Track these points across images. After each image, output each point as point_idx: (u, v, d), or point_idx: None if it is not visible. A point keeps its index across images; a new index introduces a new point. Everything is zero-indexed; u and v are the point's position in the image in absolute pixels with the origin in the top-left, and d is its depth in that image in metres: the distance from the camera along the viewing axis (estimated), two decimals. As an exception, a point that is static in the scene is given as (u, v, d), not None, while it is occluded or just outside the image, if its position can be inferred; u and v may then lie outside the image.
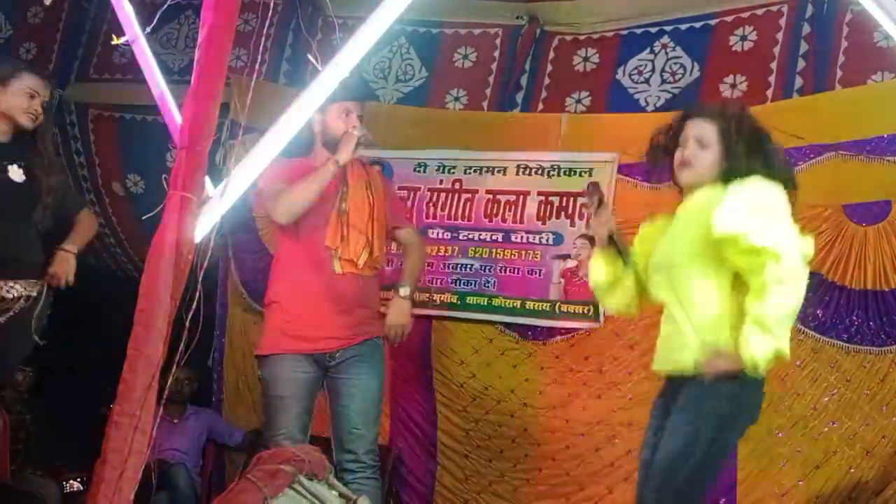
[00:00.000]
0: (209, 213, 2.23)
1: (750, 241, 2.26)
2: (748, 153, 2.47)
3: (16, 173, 3.15)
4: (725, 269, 2.38)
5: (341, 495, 2.25)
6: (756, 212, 2.29)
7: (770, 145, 2.55)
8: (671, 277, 2.50)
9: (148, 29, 2.44)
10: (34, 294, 3.20)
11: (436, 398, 4.55)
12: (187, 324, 2.09)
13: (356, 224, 3.36)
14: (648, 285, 2.70)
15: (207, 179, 2.31)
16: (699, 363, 2.37)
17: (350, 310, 3.31)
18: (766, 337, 2.25)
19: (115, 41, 2.47)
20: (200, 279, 2.14)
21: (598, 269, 2.75)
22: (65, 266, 3.25)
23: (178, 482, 4.31)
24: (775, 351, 2.28)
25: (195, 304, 2.11)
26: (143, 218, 3.01)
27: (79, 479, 4.86)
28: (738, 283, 2.38)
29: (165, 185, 2.16)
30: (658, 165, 2.70)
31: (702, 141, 2.54)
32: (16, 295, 3.15)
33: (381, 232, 3.46)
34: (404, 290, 3.42)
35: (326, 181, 3.21)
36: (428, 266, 4.54)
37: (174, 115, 2.30)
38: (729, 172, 2.47)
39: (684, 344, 2.47)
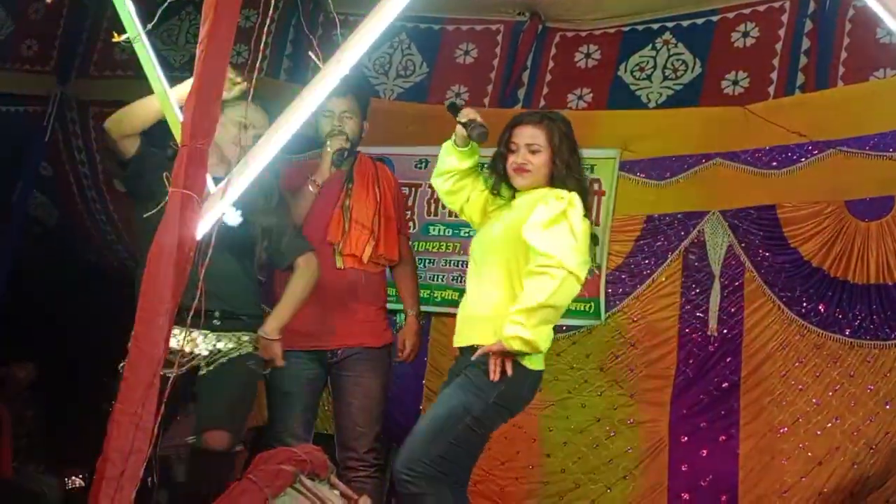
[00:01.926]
0: (210, 210, 2.22)
1: (537, 246, 2.58)
2: (570, 158, 2.76)
3: (231, 215, 2.70)
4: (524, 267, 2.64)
5: (343, 495, 2.25)
6: (554, 229, 2.60)
7: (579, 150, 2.83)
8: (486, 260, 2.75)
9: (149, 25, 2.42)
10: (243, 353, 2.86)
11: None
12: (188, 322, 2.09)
13: (360, 219, 3.36)
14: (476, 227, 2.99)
15: (209, 177, 2.30)
16: (489, 348, 2.59)
17: (352, 305, 3.30)
18: (517, 321, 2.51)
19: (115, 38, 2.46)
20: (202, 277, 2.14)
21: (452, 160, 2.90)
22: (269, 354, 2.89)
23: (179, 479, 4.30)
24: (520, 339, 2.52)
25: (196, 301, 2.11)
26: (145, 216, 3.02)
27: (81, 476, 4.87)
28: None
29: (167, 183, 2.16)
30: (499, 172, 2.88)
31: (532, 146, 2.78)
32: (223, 348, 2.82)
33: (391, 227, 3.46)
34: (413, 312, 3.58)
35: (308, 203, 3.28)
36: (429, 263, 4.54)
37: (175, 113, 2.29)
38: (556, 175, 2.75)
39: (477, 322, 2.70)
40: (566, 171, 2.74)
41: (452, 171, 2.90)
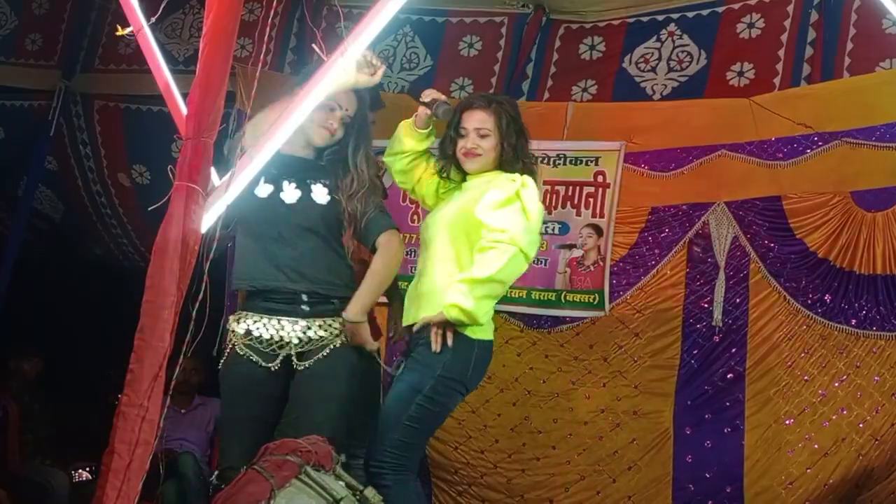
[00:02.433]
0: (215, 203, 2.23)
1: (490, 223, 2.66)
2: (517, 141, 2.81)
3: (319, 193, 2.68)
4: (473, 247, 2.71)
5: (348, 486, 2.25)
6: (507, 209, 2.67)
7: (526, 133, 2.86)
8: (436, 241, 2.80)
9: (153, 19, 2.43)
10: (342, 342, 2.65)
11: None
12: (193, 314, 2.09)
13: None
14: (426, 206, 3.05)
15: (213, 170, 2.31)
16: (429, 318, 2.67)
17: None
18: (461, 289, 2.59)
19: (119, 32, 2.46)
20: (207, 269, 2.14)
21: (410, 141, 2.94)
22: (356, 340, 2.68)
23: (185, 471, 4.32)
24: (459, 307, 2.58)
25: (201, 294, 2.12)
26: (150, 209, 3.02)
27: (88, 469, 4.90)
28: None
29: (171, 176, 2.16)
30: (447, 157, 2.92)
31: (481, 131, 2.82)
32: (313, 336, 2.63)
33: None
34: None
35: None
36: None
37: (180, 106, 2.29)
38: (504, 159, 2.81)
39: (424, 299, 2.75)
40: (514, 155, 2.80)
41: (408, 152, 2.94)
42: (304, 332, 2.62)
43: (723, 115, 4.24)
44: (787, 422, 3.91)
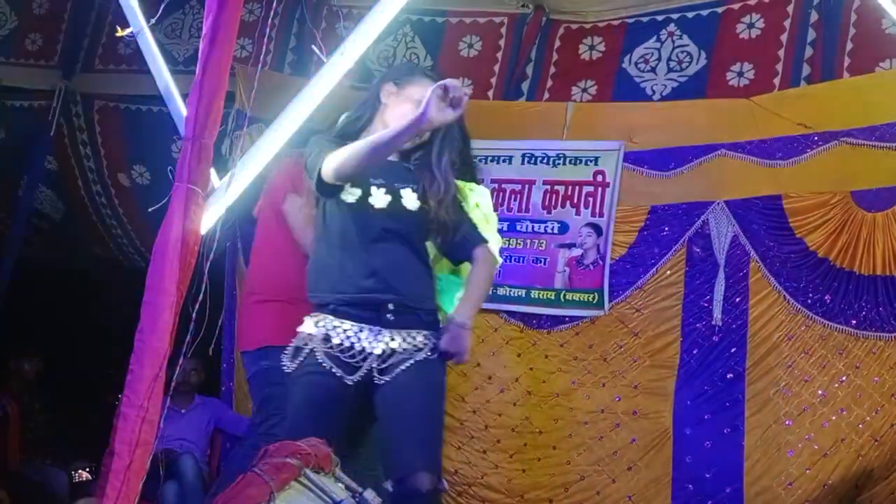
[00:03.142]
0: (215, 204, 2.23)
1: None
2: (465, 147, 2.79)
3: (409, 199, 2.50)
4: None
5: (347, 488, 2.25)
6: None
7: (469, 139, 2.86)
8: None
9: (153, 20, 2.43)
10: (425, 356, 2.44)
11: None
12: (193, 315, 2.09)
13: None
14: None
15: (213, 171, 2.31)
16: None
17: None
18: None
19: (119, 32, 2.46)
20: (207, 270, 2.15)
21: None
22: (458, 345, 2.47)
23: (185, 471, 4.32)
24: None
25: (201, 294, 2.12)
26: (150, 210, 3.02)
27: (88, 469, 4.90)
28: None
29: (171, 177, 2.16)
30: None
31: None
32: (396, 347, 2.44)
33: None
34: None
35: None
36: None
37: (179, 106, 2.30)
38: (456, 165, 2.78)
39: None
40: (464, 164, 2.81)
41: None
42: (388, 344, 2.43)
43: (722, 114, 4.24)
44: (787, 422, 3.91)
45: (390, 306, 2.44)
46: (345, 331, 2.43)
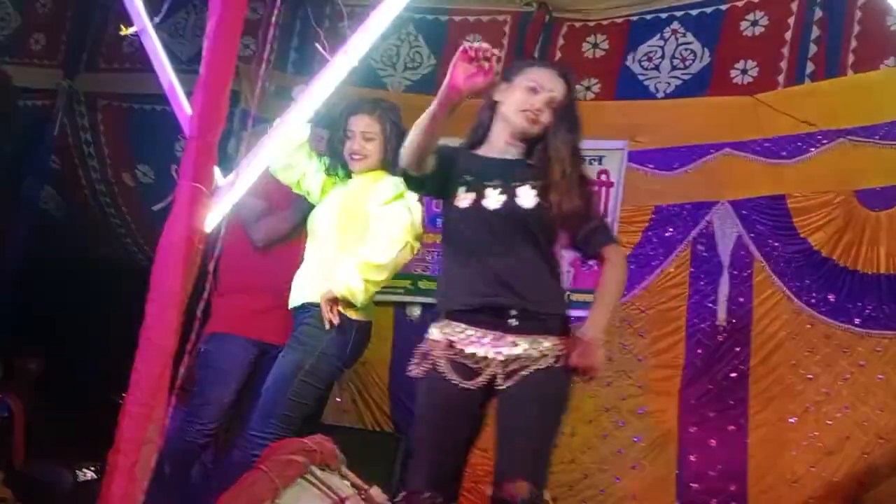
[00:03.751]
0: (219, 203, 2.23)
1: (381, 217, 2.93)
2: (398, 144, 2.74)
3: (526, 196, 2.38)
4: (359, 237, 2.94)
5: (353, 485, 2.26)
6: (395, 205, 2.95)
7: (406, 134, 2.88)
8: (324, 232, 3.01)
9: (156, 18, 2.43)
10: (548, 365, 2.32)
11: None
12: (198, 313, 2.10)
13: None
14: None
15: (217, 169, 2.31)
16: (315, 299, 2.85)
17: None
18: (352, 270, 2.84)
19: (123, 31, 2.46)
20: (212, 269, 2.15)
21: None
22: (589, 360, 2.32)
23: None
24: (348, 285, 2.82)
25: (206, 293, 2.12)
26: (154, 209, 3.02)
27: (92, 468, 4.90)
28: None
29: (175, 176, 2.16)
30: (335, 156, 3.11)
31: (367, 134, 3.05)
32: (520, 353, 2.33)
33: None
34: None
35: None
36: (437, 254, 4.54)
37: (183, 105, 2.29)
38: (387, 160, 3.01)
39: (309, 283, 2.94)
40: (395, 156, 2.86)
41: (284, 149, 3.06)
42: (511, 350, 2.34)
43: (726, 113, 4.24)
44: (791, 420, 3.91)
45: (512, 311, 2.34)
46: (468, 337, 2.37)
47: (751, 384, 4.02)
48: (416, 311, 4.67)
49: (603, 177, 4.41)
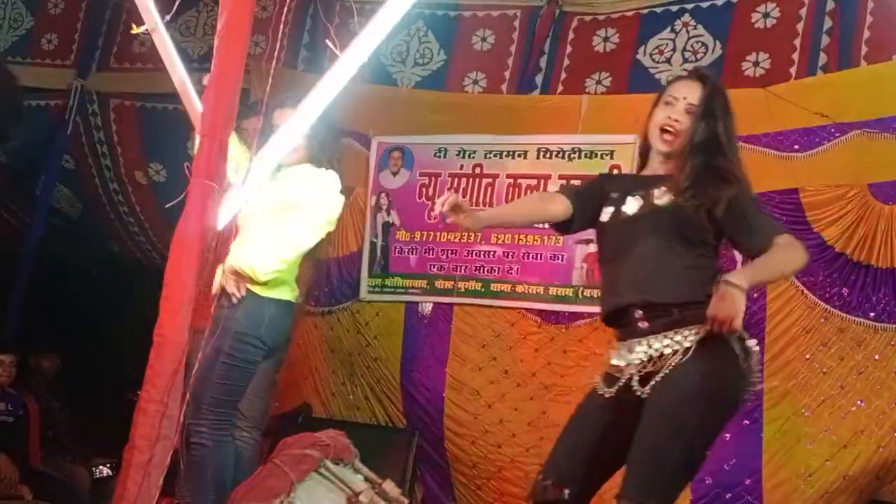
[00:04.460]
0: (231, 200, 2.24)
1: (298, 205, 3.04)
2: (324, 138, 3.11)
3: (661, 197, 2.31)
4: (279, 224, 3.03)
5: (367, 479, 2.26)
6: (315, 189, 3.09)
7: (334, 128, 3.23)
8: (252, 222, 3.04)
9: (167, 17, 2.44)
10: (677, 361, 2.17)
11: (446, 382, 4.56)
12: (212, 310, 2.10)
13: None
14: None
15: (230, 165, 2.32)
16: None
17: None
18: (258, 248, 2.92)
19: (134, 30, 2.48)
20: (224, 265, 2.15)
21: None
22: (723, 308, 2.08)
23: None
24: (248, 261, 2.89)
25: (216, 288, 2.13)
26: (167, 206, 3.04)
27: (108, 465, 4.93)
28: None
29: (187, 173, 2.17)
30: None
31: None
32: (653, 353, 2.23)
33: None
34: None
35: None
36: (452, 253, 4.57)
37: (195, 103, 2.31)
38: (313, 154, 3.13)
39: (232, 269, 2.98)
40: (321, 151, 3.13)
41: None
42: (645, 353, 2.24)
43: (738, 105, 4.10)
44: (806, 414, 3.88)
45: (638, 313, 2.25)
46: (614, 346, 2.35)
47: (765, 378, 3.99)
48: (427, 307, 4.67)
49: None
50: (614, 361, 2.29)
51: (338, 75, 2.38)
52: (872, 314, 3.84)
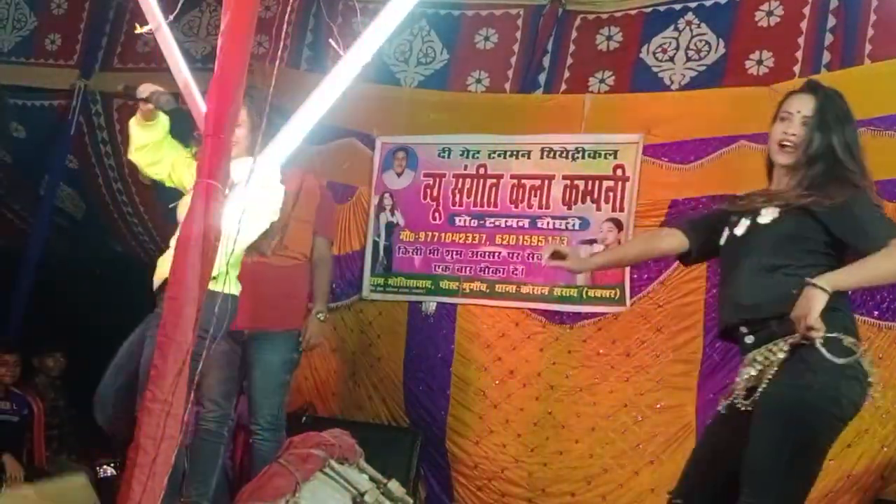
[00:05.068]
0: (235, 200, 2.24)
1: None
2: (267, 130, 2.96)
3: (767, 214, 2.36)
4: None
5: (372, 478, 2.26)
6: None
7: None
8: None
9: (170, 17, 2.44)
10: (780, 357, 2.21)
11: (451, 382, 4.56)
12: (216, 310, 2.11)
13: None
14: None
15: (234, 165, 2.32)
16: None
17: (254, 294, 3.39)
18: None
19: (138, 30, 2.48)
20: (227, 264, 2.15)
21: (144, 135, 3.12)
22: (800, 307, 2.13)
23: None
24: None
25: (223, 287, 2.13)
26: (171, 206, 3.04)
27: (112, 464, 4.94)
28: None
29: (191, 173, 2.17)
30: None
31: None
32: (753, 371, 2.26)
33: (302, 228, 3.83)
34: (320, 315, 3.89)
35: None
36: (456, 254, 4.58)
37: (198, 103, 2.30)
38: (254, 146, 2.96)
39: (165, 263, 2.87)
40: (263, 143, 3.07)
41: (147, 145, 3.10)
42: (753, 367, 2.27)
43: (742, 104, 4.20)
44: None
45: (743, 329, 2.32)
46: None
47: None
48: (431, 306, 4.67)
49: (619, 171, 4.39)
50: (737, 378, 2.34)
51: (341, 75, 2.38)
52: (876, 312, 3.83)
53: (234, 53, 2.18)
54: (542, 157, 4.55)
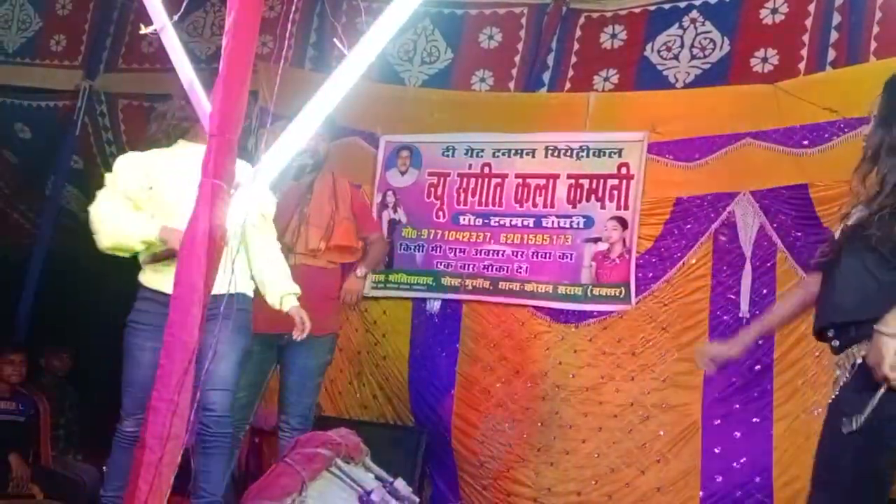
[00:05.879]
0: (240, 199, 2.24)
1: None
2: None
3: (854, 215, 2.35)
4: None
5: (378, 477, 2.27)
6: None
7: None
8: None
9: (175, 17, 2.44)
10: (852, 362, 2.18)
11: (456, 381, 4.56)
12: (222, 309, 2.11)
13: (316, 223, 3.78)
14: None
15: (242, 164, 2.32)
16: None
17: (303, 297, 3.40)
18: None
19: (142, 30, 2.48)
20: (233, 265, 2.16)
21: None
22: (874, 355, 2.09)
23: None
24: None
25: (229, 286, 2.13)
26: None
27: (118, 464, 4.94)
28: None
29: (194, 173, 2.17)
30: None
31: None
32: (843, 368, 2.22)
33: (345, 227, 3.87)
34: (359, 271, 4.00)
35: None
36: (461, 253, 4.57)
37: (203, 103, 2.31)
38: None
39: None
40: (166, 132, 3.26)
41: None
42: (838, 371, 2.26)
43: (747, 101, 4.20)
44: (816, 411, 3.86)
45: (830, 333, 2.26)
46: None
47: (775, 376, 3.98)
48: (435, 305, 4.68)
49: (623, 170, 4.39)
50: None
51: (345, 74, 2.38)
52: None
53: (238, 53, 2.18)
54: (546, 156, 4.55)
